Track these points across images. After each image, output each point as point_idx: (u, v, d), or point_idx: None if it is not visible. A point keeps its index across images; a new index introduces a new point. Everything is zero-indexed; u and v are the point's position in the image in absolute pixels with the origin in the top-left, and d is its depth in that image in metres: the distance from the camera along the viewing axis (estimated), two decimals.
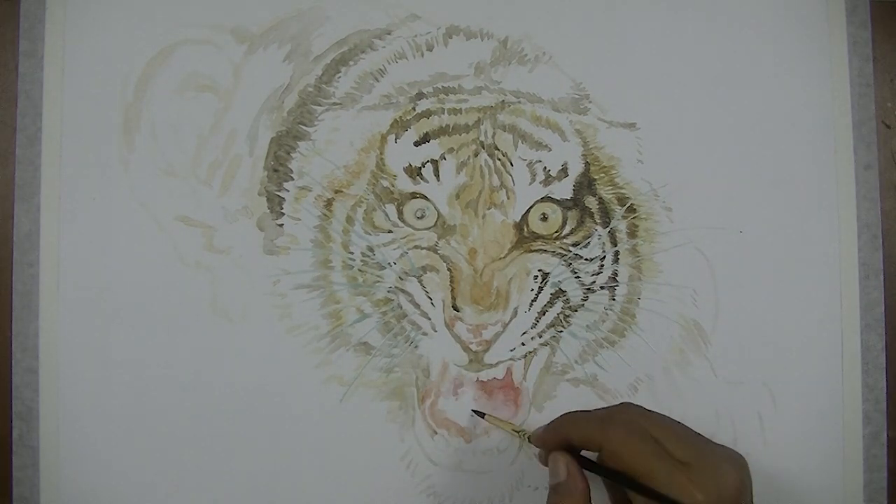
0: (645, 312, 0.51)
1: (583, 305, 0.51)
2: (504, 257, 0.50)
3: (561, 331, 0.50)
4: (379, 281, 0.50)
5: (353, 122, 0.50)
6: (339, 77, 0.50)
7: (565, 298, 0.50)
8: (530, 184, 0.50)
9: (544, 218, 0.50)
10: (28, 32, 0.50)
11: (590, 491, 0.41)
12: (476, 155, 0.50)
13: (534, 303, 0.50)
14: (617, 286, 0.51)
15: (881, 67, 0.53)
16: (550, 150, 0.50)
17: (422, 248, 0.50)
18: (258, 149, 0.50)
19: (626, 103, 0.51)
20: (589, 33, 0.52)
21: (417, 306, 0.50)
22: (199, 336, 0.49)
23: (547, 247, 0.50)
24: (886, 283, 0.52)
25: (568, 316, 0.50)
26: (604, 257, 0.51)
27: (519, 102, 0.51)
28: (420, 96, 0.50)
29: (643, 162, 0.51)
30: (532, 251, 0.50)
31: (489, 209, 0.50)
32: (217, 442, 0.49)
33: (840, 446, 0.51)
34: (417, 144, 0.50)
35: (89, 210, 0.49)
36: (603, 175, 0.51)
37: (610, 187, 0.51)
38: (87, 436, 0.49)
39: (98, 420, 0.49)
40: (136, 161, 0.50)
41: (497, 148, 0.50)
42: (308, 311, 0.50)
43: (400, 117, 0.50)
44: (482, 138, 0.50)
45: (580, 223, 0.51)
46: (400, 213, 0.50)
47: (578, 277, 0.50)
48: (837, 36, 0.53)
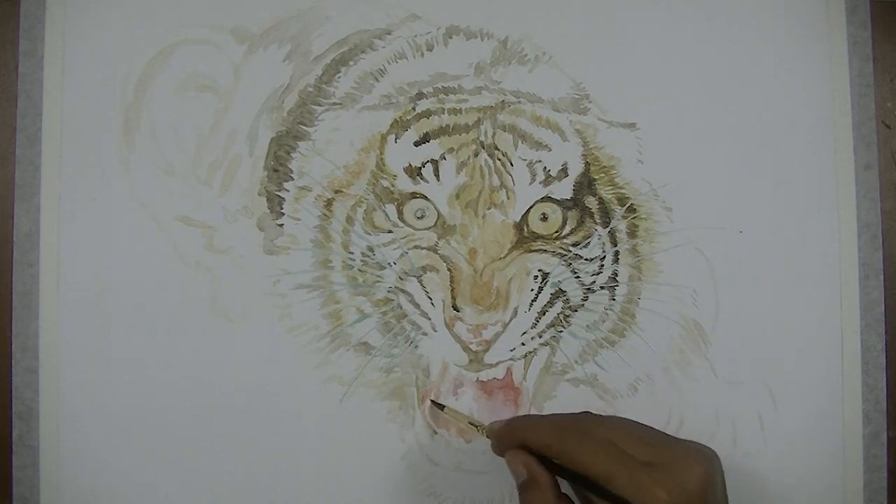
0: (645, 312, 0.51)
1: (583, 305, 0.51)
2: (504, 257, 0.50)
3: (561, 331, 0.50)
4: (379, 281, 0.50)
5: (353, 122, 0.50)
6: (339, 77, 0.50)
7: (565, 298, 0.50)
8: (530, 184, 0.50)
9: (544, 218, 0.50)
10: (28, 32, 0.50)
11: (557, 481, 0.41)
12: (476, 155, 0.50)
13: (534, 303, 0.50)
14: (617, 286, 0.51)
15: (881, 67, 0.53)
16: (550, 150, 0.50)
17: (422, 248, 0.50)
18: (258, 149, 0.50)
19: (626, 103, 0.51)
20: (589, 33, 0.52)
21: (417, 306, 0.50)
22: (199, 336, 0.49)
23: (547, 247, 0.50)
24: (886, 283, 0.52)
25: (568, 316, 0.50)
26: (604, 257, 0.51)
27: (519, 102, 0.51)
28: (420, 96, 0.50)
29: (643, 162, 0.51)
30: (532, 251, 0.50)
31: (489, 209, 0.50)
32: (217, 442, 0.49)
33: (840, 446, 0.51)
34: (417, 144, 0.50)
35: (89, 210, 0.49)
36: (603, 175, 0.51)
37: (610, 187, 0.51)
38: (87, 436, 0.49)
39: (98, 420, 0.49)
40: (136, 161, 0.50)
41: (497, 148, 0.50)
42: (308, 311, 0.50)
43: (400, 117, 0.50)
44: (482, 138, 0.50)
45: (580, 223, 0.51)
46: (400, 213, 0.50)
47: (578, 277, 0.50)
48: (837, 36, 0.53)
